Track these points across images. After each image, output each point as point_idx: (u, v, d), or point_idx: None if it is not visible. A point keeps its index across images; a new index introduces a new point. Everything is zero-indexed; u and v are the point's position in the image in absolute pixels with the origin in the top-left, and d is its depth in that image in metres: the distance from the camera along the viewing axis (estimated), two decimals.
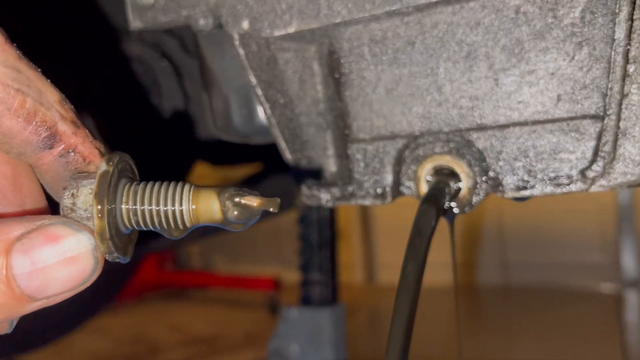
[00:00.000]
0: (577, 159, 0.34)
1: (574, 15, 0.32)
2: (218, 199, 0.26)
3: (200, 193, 0.27)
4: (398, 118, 0.39)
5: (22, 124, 0.26)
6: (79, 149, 0.27)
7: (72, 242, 0.25)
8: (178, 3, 0.41)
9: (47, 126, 0.27)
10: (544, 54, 0.34)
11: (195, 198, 0.26)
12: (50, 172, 0.28)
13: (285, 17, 0.37)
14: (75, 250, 0.25)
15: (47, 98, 0.27)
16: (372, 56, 0.39)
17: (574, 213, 3.51)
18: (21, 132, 0.26)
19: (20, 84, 0.26)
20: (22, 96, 0.26)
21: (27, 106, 0.26)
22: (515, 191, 0.36)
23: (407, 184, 0.41)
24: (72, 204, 0.26)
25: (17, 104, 0.25)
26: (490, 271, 3.75)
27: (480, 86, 0.36)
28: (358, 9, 0.35)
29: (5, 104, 0.25)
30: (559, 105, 0.34)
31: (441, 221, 0.38)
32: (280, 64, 0.43)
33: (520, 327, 2.79)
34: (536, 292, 3.41)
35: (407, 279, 0.31)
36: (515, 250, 3.74)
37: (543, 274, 3.62)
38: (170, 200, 0.26)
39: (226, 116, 0.48)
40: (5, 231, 0.24)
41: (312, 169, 0.45)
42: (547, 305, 3.15)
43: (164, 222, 0.27)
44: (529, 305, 3.20)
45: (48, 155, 0.27)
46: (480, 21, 0.35)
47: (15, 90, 0.25)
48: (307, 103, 0.44)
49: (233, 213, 0.26)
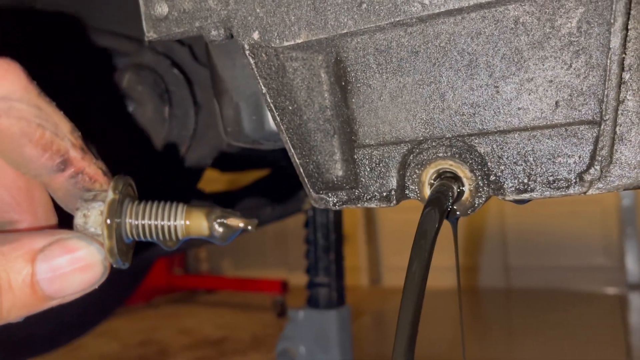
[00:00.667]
0: (575, 162, 0.35)
1: (571, 25, 0.34)
2: (206, 219, 0.32)
3: (191, 212, 0.32)
4: (403, 124, 0.40)
5: (41, 152, 0.31)
6: (86, 171, 0.33)
7: (85, 253, 0.30)
8: (191, 15, 0.42)
9: (60, 154, 0.32)
10: (543, 62, 0.35)
11: (187, 216, 0.32)
12: (61, 190, 0.33)
13: (294, 28, 0.39)
14: (88, 260, 0.30)
15: (61, 130, 0.32)
16: (377, 65, 0.40)
17: (577, 216, 3.51)
18: (39, 159, 0.31)
19: (40, 120, 0.31)
20: (41, 130, 0.31)
21: (45, 138, 0.31)
22: (515, 194, 0.38)
23: (411, 187, 0.42)
24: (84, 222, 0.31)
25: (38, 136, 0.31)
26: (494, 274, 3.75)
27: (481, 93, 0.37)
28: (364, 20, 0.37)
29: (28, 137, 0.30)
30: (557, 111, 0.35)
31: (444, 225, 0.39)
32: (289, 72, 0.44)
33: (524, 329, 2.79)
34: (540, 294, 3.41)
35: (413, 278, 0.32)
36: (519, 253, 3.74)
37: (547, 277, 3.62)
38: (166, 217, 0.32)
39: (237, 123, 0.50)
40: (30, 244, 0.29)
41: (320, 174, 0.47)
42: (551, 307, 3.15)
43: (160, 234, 0.32)
44: (533, 307, 3.20)
45: (60, 177, 0.32)
46: (481, 31, 0.36)
47: (37, 125, 0.30)
48: (315, 110, 0.45)
49: (218, 231, 0.32)
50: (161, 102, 0.71)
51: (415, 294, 0.32)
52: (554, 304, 3.23)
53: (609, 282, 3.50)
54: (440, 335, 2.53)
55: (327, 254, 1.15)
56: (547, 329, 2.75)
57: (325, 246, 1.15)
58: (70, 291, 0.30)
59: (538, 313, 3.08)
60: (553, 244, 3.60)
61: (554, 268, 3.60)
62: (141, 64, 0.73)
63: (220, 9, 0.41)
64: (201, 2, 0.42)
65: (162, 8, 0.44)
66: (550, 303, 3.25)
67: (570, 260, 3.59)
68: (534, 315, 3.02)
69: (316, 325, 1.12)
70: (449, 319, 2.77)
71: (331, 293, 1.14)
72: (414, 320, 0.31)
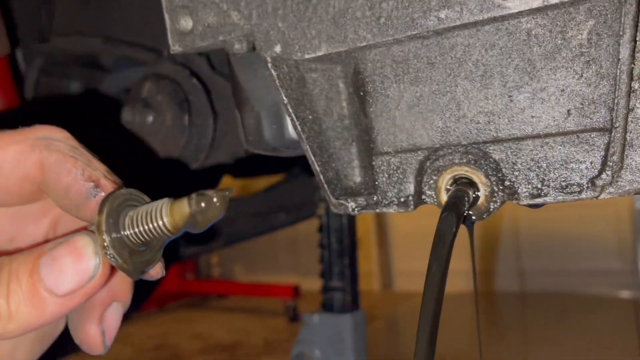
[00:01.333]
0: (587, 168, 0.37)
1: (581, 37, 0.35)
2: (188, 205, 0.32)
3: (174, 205, 0.32)
4: (420, 132, 0.42)
5: (75, 179, 0.34)
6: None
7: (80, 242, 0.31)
8: (215, 29, 0.44)
9: (92, 180, 0.35)
10: (555, 72, 0.37)
11: (171, 211, 0.32)
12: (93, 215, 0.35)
13: (315, 42, 0.41)
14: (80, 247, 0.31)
15: (94, 163, 0.36)
16: (394, 75, 0.42)
17: (591, 220, 3.49)
18: (74, 185, 0.34)
19: (74, 153, 0.35)
20: (75, 160, 0.35)
21: (78, 166, 0.35)
22: (529, 199, 0.39)
23: (428, 193, 0.44)
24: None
25: (71, 165, 0.34)
26: (509, 278, 3.73)
27: (495, 102, 0.39)
28: (382, 33, 0.39)
29: (64, 166, 0.34)
30: (569, 119, 0.37)
31: (461, 229, 0.41)
32: (308, 83, 0.46)
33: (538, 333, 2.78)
34: (554, 298, 3.39)
35: (432, 280, 0.34)
36: (533, 257, 3.73)
37: (561, 281, 3.60)
38: (153, 218, 0.32)
39: (258, 131, 0.52)
40: (41, 247, 0.32)
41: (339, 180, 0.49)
42: (565, 311, 3.13)
43: (155, 236, 0.32)
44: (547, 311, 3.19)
45: (93, 203, 0.35)
46: (495, 43, 0.38)
47: (71, 156, 0.35)
48: (334, 119, 0.47)
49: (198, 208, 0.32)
50: (180, 110, 0.73)
51: (435, 295, 0.33)
52: (568, 307, 3.22)
53: (623, 286, 3.48)
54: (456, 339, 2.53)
55: (341, 259, 1.16)
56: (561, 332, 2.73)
57: (339, 251, 1.16)
58: (66, 284, 0.30)
59: (552, 317, 3.06)
60: (567, 248, 3.59)
61: (568, 272, 3.58)
62: (160, 73, 0.75)
63: (244, 24, 0.43)
64: (225, 17, 0.44)
65: (187, 23, 0.46)
66: (565, 307, 3.23)
67: (584, 263, 3.57)
68: (548, 319, 3.01)
69: (331, 329, 1.13)
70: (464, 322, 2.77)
71: (345, 297, 1.15)
72: (434, 321, 0.32)
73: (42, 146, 0.35)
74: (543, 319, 3.07)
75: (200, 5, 0.45)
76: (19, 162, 0.35)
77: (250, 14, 0.43)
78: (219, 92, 0.78)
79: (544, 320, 3.03)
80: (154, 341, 2.97)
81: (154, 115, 0.72)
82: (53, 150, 0.35)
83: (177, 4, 0.46)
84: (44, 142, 0.35)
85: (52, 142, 0.35)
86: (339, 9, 0.40)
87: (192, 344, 2.92)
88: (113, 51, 0.85)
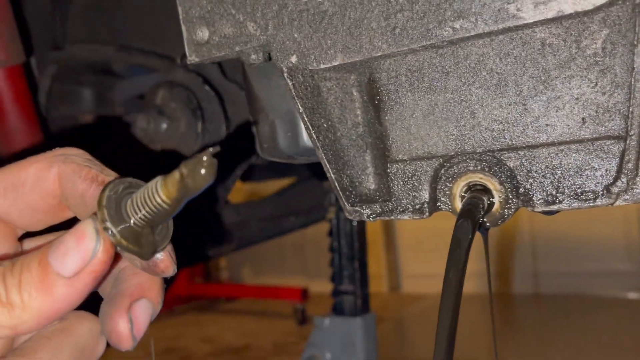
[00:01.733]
0: (601, 175, 0.37)
1: (596, 46, 0.36)
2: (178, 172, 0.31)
3: (166, 178, 0.32)
4: (434, 140, 0.42)
5: (89, 184, 0.36)
6: None
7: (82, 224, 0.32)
8: (231, 40, 0.45)
9: (105, 183, 0.35)
10: (569, 81, 0.37)
11: (164, 183, 0.32)
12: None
13: (331, 52, 0.42)
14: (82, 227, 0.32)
15: (107, 170, 0.38)
16: (409, 84, 0.42)
17: (599, 222, 3.47)
18: (88, 190, 0.36)
19: (88, 163, 0.37)
20: (89, 168, 0.37)
21: (92, 173, 0.37)
22: (544, 205, 0.40)
23: (443, 200, 0.44)
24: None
25: (85, 172, 0.37)
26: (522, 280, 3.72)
27: (510, 111, 0.39)
28: (397, 44, 0.39)
29: (79, 174, 0.36)
30: (583, 127, 0.37)
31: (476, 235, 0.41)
32: (323, 91, 0.47)
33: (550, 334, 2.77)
34: (565, 300, 3.38)
35: (450, 284, 0.34)
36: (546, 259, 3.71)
37: (571, 283, 3.59)
38: (151, 195, 0.32)
39: (273, 139, 0.52)
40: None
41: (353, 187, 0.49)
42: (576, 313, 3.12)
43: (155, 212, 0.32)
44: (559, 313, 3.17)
45: None
46: (510, 52, 0.38)
47: (85, 165, 0.37)
48: (348, 127, 0.48)
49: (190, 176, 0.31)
50: (194, 117, 0.74)
51: (453, 299, 0.34)
52: (578, 309, 3.20)
53: (632, 288, 3.46)
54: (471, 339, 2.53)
55: (352, 262, 1.16)
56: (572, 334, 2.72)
57: (350, 254, 1.17)
58: (71, 264, 0.31)
59: (563, 318, 3.05)
60: (576, 250, 3.57)
61: (578, 274, 3.57)
62: (174, 81, 0.76)
63: (260, 34, 0.44)
64: (241, 28, 0.45)
65: (204, 33, 0.47)
66: (575, 308, 3.22)
67: (593, 265, 3.55)
68: (560, 321, 3.00)
69: (342, 332, 1.13)
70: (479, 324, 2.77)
71: (356, 300, 1.16)
72: (453, 323, 0.33)
73: (60, 161, 0.37)
74: (554, 320, 3.06)
75: (217, 16, 0.45)
76: (40, 178, 0.37)
77: (266, 24, 0.43)
78: (230, 98, 0.79)
79: (554, 321, 3.02)
80: (164, 344, 2.99)
81: (168, 122, 0.73)
82: (69, 162, 0.37)
83: (193, 15, 0.47)
84: (61, 157, 0.37)
85: (68, 157, 0.38)
86: (354, 20, 0.40)
87: (202, 347, 2.93)
88: (126, 59, 0.86)
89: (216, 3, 0.45)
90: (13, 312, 0.30)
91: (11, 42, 0.80)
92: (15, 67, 0.83)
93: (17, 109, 0.84)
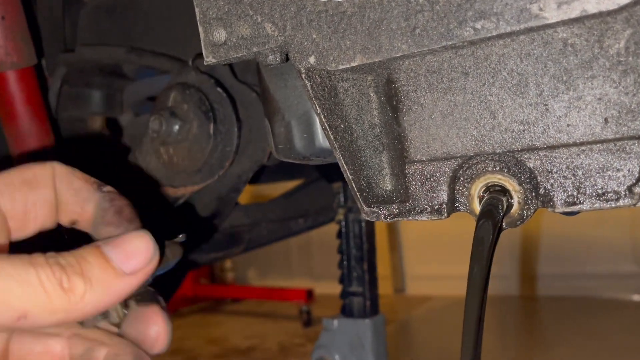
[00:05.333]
0: (624, 176, 0.37)
1: (619, 46, 0.35)
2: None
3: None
4: (454, 141, 0.42)
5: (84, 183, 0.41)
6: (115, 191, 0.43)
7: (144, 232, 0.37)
8: (249, 41, 0.45)
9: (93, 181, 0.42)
10: (591, 81, 0.37)
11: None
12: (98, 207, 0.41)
13: (350, 53, 0.41)
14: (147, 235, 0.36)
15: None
16: (428, 85, 0.42)
17: (606, 223, 3.46)
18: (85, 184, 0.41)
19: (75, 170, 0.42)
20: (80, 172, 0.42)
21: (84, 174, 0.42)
22: (565, 206, 0.39)
23: (461, 200, 0.44)
24: None
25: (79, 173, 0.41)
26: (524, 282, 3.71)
27: (530, 111, 0.39)
28: (417, 44, 0.39)
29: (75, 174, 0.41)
30: (606, 127, 0.37)
31: None
32: (340, 92, 0.47)
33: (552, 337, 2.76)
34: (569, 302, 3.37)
35: (474, 281, 0.34)
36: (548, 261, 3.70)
37: (576, 285, 3.57)
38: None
39: (288, 140, 0.52)
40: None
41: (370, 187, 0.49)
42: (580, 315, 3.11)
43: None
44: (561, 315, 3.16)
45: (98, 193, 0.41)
46: (530, 52, 0.38)
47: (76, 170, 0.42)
48: (365, 128, 0.48)
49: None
50: (206, 119, 0.74)
51: (479, 296, 0.34)
52: (581, 311, 3.19)
53: (638, 290, 3.44)
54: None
55: (361, 264, 1.16)
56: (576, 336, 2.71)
57: (359, 256, 1.16)
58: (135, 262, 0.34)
59: (566, 320, 3.04)
60: (581, 251, 3.56)
61: (583, 275, 3.56)
62: (186, 83, 0.76)
63: (278, 35, 0.44)
64: (259, 29, 0.45)
65: (221, 34, 0.47)
66: (578, 310, 3.21)
67: (599, 267, 3.54)
68: (563, 323, 2.99)
69: (351, 334, 1.13)
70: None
71: (365, 302, 1.16)
72: (479, 319, 0.33)
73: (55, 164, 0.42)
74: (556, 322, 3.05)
75: (234, 17, 0.45)
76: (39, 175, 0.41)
77: (284, 25, 0.43)
78: (242, 100, 0.79)
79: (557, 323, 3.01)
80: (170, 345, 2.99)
81: (180, 124, 0.73)
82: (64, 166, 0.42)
83: (211, 16, 0.47)
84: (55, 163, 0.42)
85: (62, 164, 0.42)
86: (373, 20, 0.40)
87: (208, 348, 2.93)
88: (137, 60, 0.86)
89: (234, 4, 0.45)
90: (72, 298, 0.32)
91: (23, 44, 0.81)
92: (27, 69, 0.83)
93: (29, 110, 0.84)
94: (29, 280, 0.31)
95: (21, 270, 0.31)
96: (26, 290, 0.30)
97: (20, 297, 0.30)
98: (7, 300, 0.30)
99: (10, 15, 0.78)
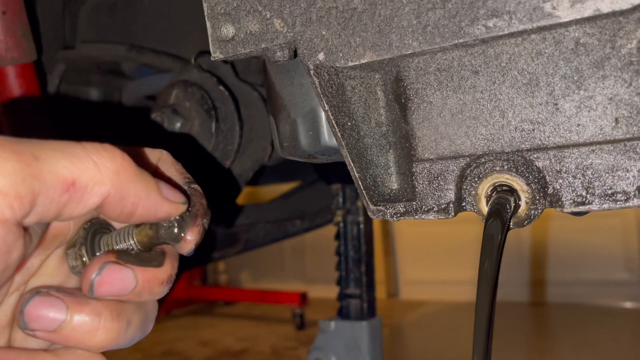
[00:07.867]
0: (634, 176, 0.37)
1: (631, 46, 0.35)
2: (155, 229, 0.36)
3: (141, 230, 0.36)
4: (462, 140, 0.42)
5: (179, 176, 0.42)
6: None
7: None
8: (257, 37, 0.45)
9: None
10: (603, 81, 0.37)
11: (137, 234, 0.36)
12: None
13: (359, 50, 0.41)
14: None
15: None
16: (438, 83, 0.42)
17: (598, 230, 3.48)
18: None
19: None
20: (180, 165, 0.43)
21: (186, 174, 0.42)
22: (574, 206, 0.39)
23: (468, 200, 0.44)
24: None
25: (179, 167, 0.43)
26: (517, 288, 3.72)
27: (540, 111, 0.39)
28: (428, 42, 0.39)
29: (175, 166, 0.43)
30: (616, 127, 0.37)
31: None
32: (347, 90, 0.46)
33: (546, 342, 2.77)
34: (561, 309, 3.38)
35: (485, 275, 0.34)
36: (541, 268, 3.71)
37: (568, 292, 3.59)
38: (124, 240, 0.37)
39: (294, 138, 0.52)
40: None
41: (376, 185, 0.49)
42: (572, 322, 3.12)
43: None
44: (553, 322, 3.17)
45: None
46: (542, 52, 0.38)
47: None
48: (371, 126, 0.48)
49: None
50: (208, 117, 0.73)
51: (490, 290, 0.34)
52: (575, 318, 3.20)
53: (630, 297, 3.46)
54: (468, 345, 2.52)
55: (358, 266, 1.16)
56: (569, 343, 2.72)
57: (356, 258, 1.16)
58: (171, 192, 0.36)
59: (558, 327, 3.05)
60: (573, 259, 3.58)
61: (575, 282, 3.57)
62: (188, 80, 0.76)
63: (287, 31, 0.44)
64: (268, 25, 0.44)
65: (229, 30, 0.46)
66: (571, 318, 3.22)
67: (592, 274, 3.56)
68: (554, 330, 3.00)
69: (347, 336, 1.13)
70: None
71: (362, 304, 1.15)
72: (490, 312, 0.33)
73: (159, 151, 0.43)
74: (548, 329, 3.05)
75: (243, 13, 0.45)
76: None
77: (293, 22, 0.43)
78: (243, 99, 0.78)
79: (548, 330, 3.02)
80: (162, 347, 2.97)
81: (182, 121, 0.73)
82: (169, 156, 0.43)
83: (219, 11, 0.46)
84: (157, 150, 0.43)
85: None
86: (384, 18, 0.40)
87: (200, 350, 2.91)
88: (138, 59, 0.85)
89: (242, 0, 0.45)
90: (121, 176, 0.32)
91: (24, 39, 0.80)
92: (26, 65, 0.82)
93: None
94: (76, 152, 0.30)
95: (67, 145, 0.30)
96: (73, 160, 0.30)
97: (69, 167, 0.30)
98: (55, 170, 0.29)
99: (12, 10, 0.77)
